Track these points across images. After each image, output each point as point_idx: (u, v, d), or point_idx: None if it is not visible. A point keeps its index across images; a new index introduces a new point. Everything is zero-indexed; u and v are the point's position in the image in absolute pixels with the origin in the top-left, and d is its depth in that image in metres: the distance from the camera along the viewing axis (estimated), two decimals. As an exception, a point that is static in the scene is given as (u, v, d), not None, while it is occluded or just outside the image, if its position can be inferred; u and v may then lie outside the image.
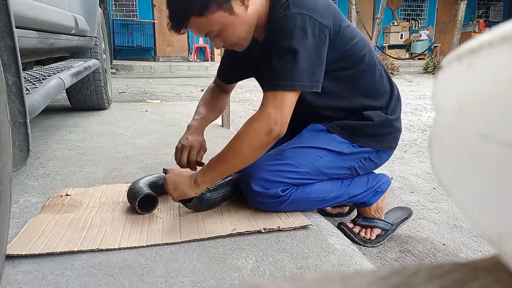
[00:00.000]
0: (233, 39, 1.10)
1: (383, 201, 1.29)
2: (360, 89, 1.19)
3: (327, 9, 1.07)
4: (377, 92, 1.21)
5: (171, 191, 1.11)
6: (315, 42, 1.02)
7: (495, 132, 0.17)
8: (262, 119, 1.02)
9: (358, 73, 1.17)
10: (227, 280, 0.88)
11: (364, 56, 1.17)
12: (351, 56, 1.14)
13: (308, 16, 1.02)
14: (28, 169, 1.66)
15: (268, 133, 1.01)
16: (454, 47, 8.71)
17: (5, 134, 0.63)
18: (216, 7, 1.02)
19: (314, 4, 1.04)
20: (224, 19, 1.04)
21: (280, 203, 1.15)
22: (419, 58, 11.39)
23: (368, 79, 1.19)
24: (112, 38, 10.06)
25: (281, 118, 1.01)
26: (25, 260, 0.93)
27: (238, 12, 1.05)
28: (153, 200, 1.18)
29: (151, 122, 2.75)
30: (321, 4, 1.06)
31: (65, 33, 1.99)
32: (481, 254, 1.25)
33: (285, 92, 1.02)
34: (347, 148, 1.19)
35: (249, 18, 1.08)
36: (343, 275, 0.20)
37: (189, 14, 1.03)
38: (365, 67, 1.17)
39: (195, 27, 1.07)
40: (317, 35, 1.03)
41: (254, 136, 1.02)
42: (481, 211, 0.19)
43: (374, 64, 1.20)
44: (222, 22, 1.05)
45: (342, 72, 1.15)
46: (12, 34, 0.88)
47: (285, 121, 1.03)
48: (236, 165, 1.08)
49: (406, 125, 3.22)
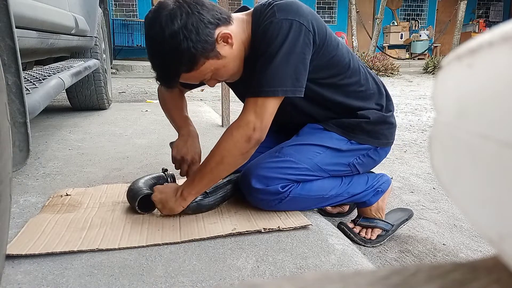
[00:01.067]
0: (226, 76, 1.12)
1: (384, 201, 1.30)
2: (349, 94, 1.19)
3: (312, 15, 1.08)
4: (365, 94, 1.22)
5: (161, 209, 1.14)
6: (300, 47, 1.03)
7: (495, 132, 0.17)
8: (241, 126, 1.03)
9: (345, 79, 1.18)
10: (227, 280, 0.88)
11: (349, 62, 1.18)
12: (337, 63, 1.15)
13: (294, 20, 1.03)
14: (28, 169, 1.66)
15: (247, 141, 1.03)
16: (454, 47, 8.71)
17: (5, 134, 0.63)
18: (204, 59, 1.03)
19: (300, 9, 1.05)
20: (214, 65, 1.06)
21: (280, 200, 1.15)
22: (419, 58, 11.40)
23: (354, 84, 1.19)
24: (112, 38, 10.05)
25: (260, 124, 1.02)
26: (25, 260, 0.93)
27: (225, 53, 1.06)
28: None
29: (151, 122, 2.75)
30: (306, 10, 1.07)
31: (65, 33, 1.99)
32: (481, 254, 1.25)
33: (267, 98, 1.02)
34: (345, 145, 1.19)
35: (237, 53, 1.09)
36: (343, 275, 0.20)
37: (179, 74, 1.04)
38: (351, 73, 1.18)
39: (186, 80, 1.08)
40: (302, 40, 1.03)
41: (235, 144, 1.04)
42: (481, 211, 0.19)
43: (358, 68, 1.21)
44: (213, 68, 1.06)
45: (330, 79, 1.16)
46: (12, 34, 0.88)
47: (265, 127, 1.04)
48: (219, 174, 1.10)
49: (406, 125, 3.22)
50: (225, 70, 1.09)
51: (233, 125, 1.05)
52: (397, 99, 4.71)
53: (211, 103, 4.05)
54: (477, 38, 0.19)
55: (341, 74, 1.17)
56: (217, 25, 1.03)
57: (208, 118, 2.93)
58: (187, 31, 0.97)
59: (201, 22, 0.99)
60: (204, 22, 1.00)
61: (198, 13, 0.99)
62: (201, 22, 0.99)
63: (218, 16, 1.04)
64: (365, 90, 1.21)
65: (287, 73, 1.02)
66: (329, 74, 1.15)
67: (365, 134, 1.21)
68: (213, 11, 1.03)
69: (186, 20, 0.97)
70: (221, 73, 1.09)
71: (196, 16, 0.99)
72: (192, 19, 0.98)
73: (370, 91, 1.22)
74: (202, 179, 1.10)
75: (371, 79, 1.24)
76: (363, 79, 1.21)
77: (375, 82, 1.26)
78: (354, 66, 1.19)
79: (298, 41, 1.02)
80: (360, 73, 1.21)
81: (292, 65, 1.02)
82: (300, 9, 1.06)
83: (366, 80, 1.22)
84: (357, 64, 1.22)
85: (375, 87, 1.25)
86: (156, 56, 1.03)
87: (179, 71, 1.03)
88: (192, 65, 1.02)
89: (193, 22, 0.98)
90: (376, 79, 1.28)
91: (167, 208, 1.14)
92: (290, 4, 1.05)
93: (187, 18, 0.98)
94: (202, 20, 0.99)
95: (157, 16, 0.99)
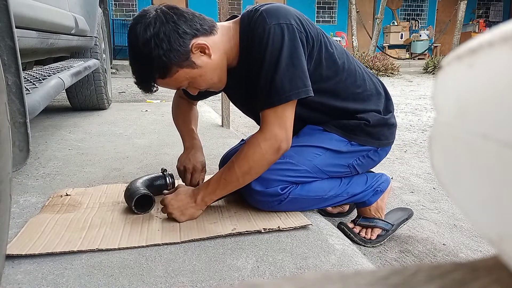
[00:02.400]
0: (205, 85, 1.13)
1: (383, 201, 1.29)
2: (346, 96, 1.19)
3: (301, 17, 1.09)
4: (362, 95, 1.21)
5: (179, 217, 1.13)
6: (298, 47, 1.04)
7: (495, 132, 0.17)
8: (269, 139, 1.05)
9: (340, 82, 1.17)
10: (227, 280, 0.88)
11: (344, 64, 1.17)
12: (331, 64, 1.15)
13: (286, 24, 1.03)
14: (28, 169, 1.66)
15: (276, 152, 1.05)
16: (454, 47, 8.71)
17: (5, 134, 0.63)
18: (177, 68, 1.04)
19: (288, 12, 1.06)
20: (189, 74, 1.07)
21: (280, 201, 1.15)
22: (419, 58, 11.40)
23: (350, 86, 1.19)
24: (112, 38, 10.05)
25: (286, 134, 1.05)
26: (25, 260, 0.93)
27: (202, 63, 1.07)
28: (150, 200, 1.19)
29: (151, 122, 2.75)
30: (295, 12, 1.08)
31: (65, 33, 1.99)
32: (481, 254, 1.25)
33: (285, 105, 1.04)
34: (345, 147, 1.19)
35: (216, 63, 1.09)
36: (343, 275, 0.20)
37: (154, 79, 1.07)
38: (346, 74, 1.18)
39: (163, 85, 1.10)
40: (298, 41, 1.04)
41: (263, 156, 1.06)
42: (481, 211, 0.19)
43: (354, 69, 1.20)
44: (188, 77, 1.07)
45: (325, 82, 1.15)
46: (12, 34, 0.88)
47: (290, 136, 1.07)
48: (245, 182, 1.12)
49: (406, 125, 3.22)
50: (202, 80, 1.09)
51: (259, 137, 1.06)
52: (397, 99, 4.71)
53: (211, 103, 4.05)
54: (477, 38, 0.19)
55: (336, 76, 1.16)
56: (195, 35, 1.04)
57: (208, 118, 2.93)
58: (159, 39, 1.00)
59: (175, 32, 1.02)
60: (178, 32, 1.02)
61: (173, 23, 1.02)
62: (175, 32, 1.02)
63: (197, 27, 1.05)
64: (362, 91, 1.20)
65: (296, 75, 1.03)
66: (324, 76, 1.14)
67: (365, 135, 1.20)
68: (192, 22, 1.05)
69: (159, 29, 1.00)
70: (199, 82, 1.10)
71: (170, 26, 1.01)
72: (165, 29, 1.01)
73: (367, 92, 1.21)
74: (227, 187, 1.12)
75: (368, 80, 1.23)
76: (360, 80, 1.20)
77: (372, 83, 1.25)
78: (350, 67, 1.19)
79: (295, 42, 1.03)
80: (356, 74, 1.20)
81: (298, 66, 1.03)
82: (288, 12, 1.06)
83: (363, 81, 1.21)
84: (353, 64, 1.21)
85: (372, 88, 1.23)
86: (132, 61, 1.07)
87: (154, 77, 1.06)
88: (165, 72, 1.04)
89: (165, 31, 1.01)
90: (374, 79, 1.27)
91: (186, 215, 1.13)
92: (277, 9, 1.06)
93: (160, 27, 1.00)
94: (177, 30, 1.02)
95: (135, 24, 1.03)
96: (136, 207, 1.17)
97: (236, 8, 11.93)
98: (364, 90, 1.21)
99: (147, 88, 1.10)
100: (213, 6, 11.55)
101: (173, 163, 1.45)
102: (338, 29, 12.84)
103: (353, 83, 1.19)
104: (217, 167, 1.53)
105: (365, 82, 1.22)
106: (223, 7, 2.51)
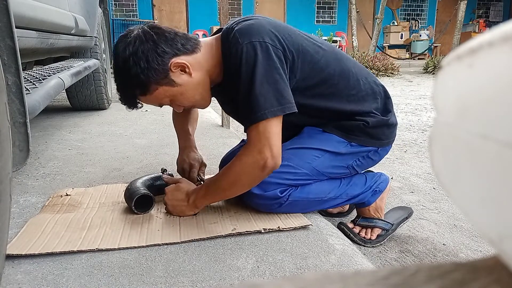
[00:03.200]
0: (187, 103, 1.14)
1: (382, 201, 1.29)
2: (340, 99, 1.18)
3: (277, 30, 1.07)
4: (357, 97, 1.19)
5: (170, 210, 1.18)
6: (272, 65, 1.03)
7: (495, 132, 0.17)
8: (253, 155, 1.03)
9: (332, 86, 1.16)
10: (227, 280, 0.88)
11: (334, 67, 1.16)
12: (320, 70, 1.13)
13: (259, 42, 1.03)
14: (28, 169, 1.66)
15: (263, 168, 1.04)
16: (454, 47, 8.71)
17: (5, 134, 0.63)
18: (156, 85, 1.06)
19: (262, 29, 1.05)
20: (169, 92, 1.09)
21: (280, 204, 1.15)
22: (419, 58, 11.40)
23: (343, 89, 1.17)
24: (112, 38, 10.04)
25: (271, 152, 1.02)
26: (25, 260, 0.93)
27: (182, 82, 1.08)
28: (150, 200, 1.19)
29: (151, 122, 2.75)
30: (269, 27, 1.07)
31: (65, 33, 2.00)
32: (481, 254, 1.25)
33: (264, 122, 1.02)
34: (344, 148, 1.18)
35: (197, 82, 1.10)
36: (343, 275, 0.20)
37: (135, 96, 1.10)
38: (337, 78, 1.16)
39: (146, 102, 1.13)
40: (272, 57, 1.03)
41: (250, 172, 1.06)
42: (481, 211, 0.19)
43: (348, 71, 1.18)
44: (168, 94, 1.09)
45: (315, 89, 1.14)
46: (12, 34, 0.88)
47: (277, 152, 1.04)
48: (234, 194, 1.14)
49: (406, 125, 3.22)
50: (184, 98, 1.11)
51: (244, 152, 1.06)
52: (397, 99, 4.71)
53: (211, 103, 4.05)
54: (477, 38, 0.19)
55: (327, 82, 1.15)
56: (175, 54, 1.06)
57: (208, 118, 2.93)
58: (137, 58, 1.03)
59: (153, 51, 1.04)
60: (157, 51, 1.04)
61: (152, 42, 1.04)
62: (153, 51, 1.04)
63: (178, 47, 1.07)
64: (356, 93, 1.19)
65: (270, 93, 1.02)
66: (314, 83, 1.13)
67: (365, 135, 1.19)
68: (172, 42, 1.07)
69: (138, 48, 1.03)
70: (180, 100, 1.12)
71: (149, 45, 1.04)
72: (144, 47, 1.04)
73: (362, 93, 1.20)
74: (215, 196, 1.16)
75: (363, 80, 1.21)
76: (353, 81, 1.18)
77: (368, 82, 1.22)
78: (343, 70, 1.17)
79: (269, 59, 1.02)
80: (349, 75, 1.18)
81: (272, 84, 1.02)
82: (261, 28, 1.05)
83: (357, 82, 1.19)
84: (347, 66, 1.19)
85: (368, 88, 1.21)
86: (115, 79, 1.11)
87: (135, 94, 1.09)
88: (144, 90, 1.07)
89: (143, 50, 1.03)
90: (370, 79, 1.24)
91: (177, 211, 1.17)
92: (250, 27, 1.05)
93: (139, 46, 1.03)
94: (155, 49, 1.04)
95: (118, 43, 1.08)
96: (136, 207, 1.17)
97: (236, 8, 11.93)
98: (359, 91, 1.19)
99: (131, 104, 1.13)
100: (213, 6, 11.56)
101: (173, 163, 1.46)
102: (338, 29, 12.85)
103: (346, 85, 1.17)
104: (217, 167, 1.53)
105: (359, 83, 1.20)
106: (223, 7, 2.51)
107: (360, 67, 1.26)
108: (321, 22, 12.94)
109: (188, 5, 11.66)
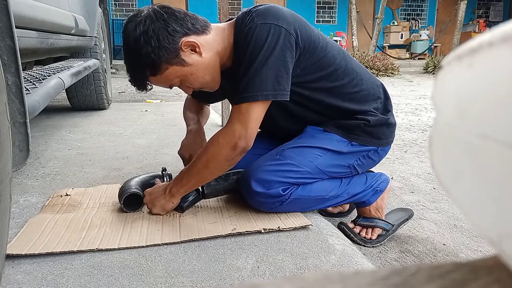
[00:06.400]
0: (197, 84, 1.13)
1: (383, 200, 1.29)
2: (342, 96, 1.18)
3: (293, 18, 1.08)
4: (359, 95, 1.20)
5: (152, 209, 1.17)
6: (279, 50, 1.02)
7: (495, 132, 0.17)
8: (227, 134, 1.05)
9: (336, 81, 1.16)
10: (227, 280, 0.88)
11: (340, 63, 1.17)
12: (326, 65, 1.14)
13: (273, 24, 1.03)
14: (28, 169, 1.66)
15: (233, 148, 1.04)
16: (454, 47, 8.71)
17: (5, 134, 0.63)
18: (167, 65, 1.06)
19: (279, 13, 1.06)
20: (180, 72, 1.08)
21: (281, 202, 1.15)
22: (419, 58, 11.40)
23: (346, 86, 1.18)
24: (112, 38, 10.05)
25: (245, 133, 1.03)
26: (25, 260, 0.93)
27: (193, 61, 1.07)
28: (139, 198, 1.19)
29: (151, 122, 2.75)
30: (287, 13, 1.07)
31: (65, 33, 1.99)
32: (481, 254, 1.25)
33: (249, 104, 1.03)
34: (346, 147, 1.19)
35: (208, 62, 1.10)
36: (343, 275, 0.20)
37: (145, 76, 1.08)
38: (342, 74, 1.17)
39: (156, 83, 1.12)
40: (282, 42, 1.03)
41: (220, 151, 1.06)
42: (481, 211, 0.19)
43: (351, 69, 1.19)
44: (179, 74, 1.08)
45: (319, 82, 1.15)
46: (12, 34, 0.88)
47: (250, 135, 1.04)
48: (206, 177, 1.12)
49: (406, 125, 3.22)
50: (194, 78, 1.10)
51: (219, 132, 1.07)
52: (397, 99, 4.71)
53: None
54: (477, 38, 0.19)
55: (331, 76, 1.16)
56: (185, 34, 1.06)
57: (209, 118, 2.93)
58: (148, 37, 1.02)
59: (164, 30, 1.03)
60: (168, 30, 1.03)
61: (163, 21, 1.03)
62: (164, 30, 1.03)
63: (188, 26, 1.06)
64: (358, 91, 1.20)
65: (267, 76, 1.02)
66: (318, 76, 1.14)
67: (366, 134, 1.20)
68: (183, 21, 1.06)
69: (148, 27, 1.02)
70: (190, 80, 1.11)
71: (159, 24, 1.03)
72: (155, 26, 1.03)
73: (364, 92, 1.21)
74: (190, 180, 1.13)
75: (365, 79, 1.23)
76: (357, 80, 1.20)
77: (369, 82, 1.24)
78: (347, 67, 1.18)
79: (277, 44, 1.02)
80: (352, 73, 1.19)
81: (272, 68, 1.02)
82: (279, 12, 1.06)
83: (360, 81, 1.21)
84: (350, 64, 1.20)
85: (369, 87, 1.23)
86: (125, 59, 1.10)
87: (146, 75, 1.08)
88: (155, 69, 1.06)
89: (154, 29, 1.02)
90: (371, 79, 1.26)
91: (157, 206, 1.17)
92: (268, 9, 1.06)
93: (150, 25, 1.02)
94: (166, 28, 1.03)
95: (127, 22, 1.07)
96: (126, 206, 1.17)
97: (236, 8, 11.93)
98: (361, 89, 1.21)
99: (141, 85, 1.12)
100: (213, 6, 11.55)
101: (173, 163, 1.46)
102: (338, 29, 12.85)
103: (349, 83, 1.18)
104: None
105: (361, 82, 1.21)
106: (223, 7, 2.51)
107: (362, 68, 1.27)
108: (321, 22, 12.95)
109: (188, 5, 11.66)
